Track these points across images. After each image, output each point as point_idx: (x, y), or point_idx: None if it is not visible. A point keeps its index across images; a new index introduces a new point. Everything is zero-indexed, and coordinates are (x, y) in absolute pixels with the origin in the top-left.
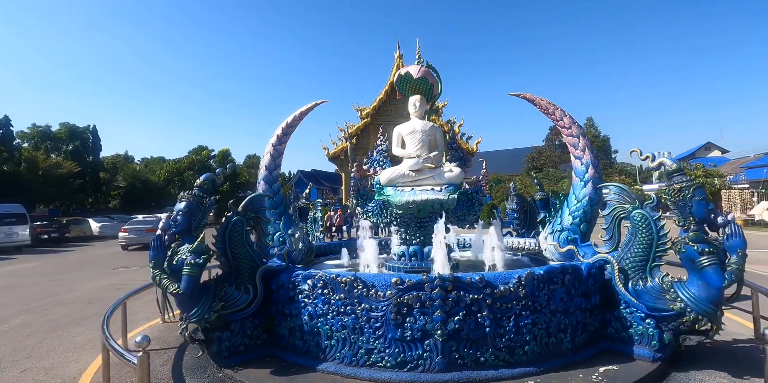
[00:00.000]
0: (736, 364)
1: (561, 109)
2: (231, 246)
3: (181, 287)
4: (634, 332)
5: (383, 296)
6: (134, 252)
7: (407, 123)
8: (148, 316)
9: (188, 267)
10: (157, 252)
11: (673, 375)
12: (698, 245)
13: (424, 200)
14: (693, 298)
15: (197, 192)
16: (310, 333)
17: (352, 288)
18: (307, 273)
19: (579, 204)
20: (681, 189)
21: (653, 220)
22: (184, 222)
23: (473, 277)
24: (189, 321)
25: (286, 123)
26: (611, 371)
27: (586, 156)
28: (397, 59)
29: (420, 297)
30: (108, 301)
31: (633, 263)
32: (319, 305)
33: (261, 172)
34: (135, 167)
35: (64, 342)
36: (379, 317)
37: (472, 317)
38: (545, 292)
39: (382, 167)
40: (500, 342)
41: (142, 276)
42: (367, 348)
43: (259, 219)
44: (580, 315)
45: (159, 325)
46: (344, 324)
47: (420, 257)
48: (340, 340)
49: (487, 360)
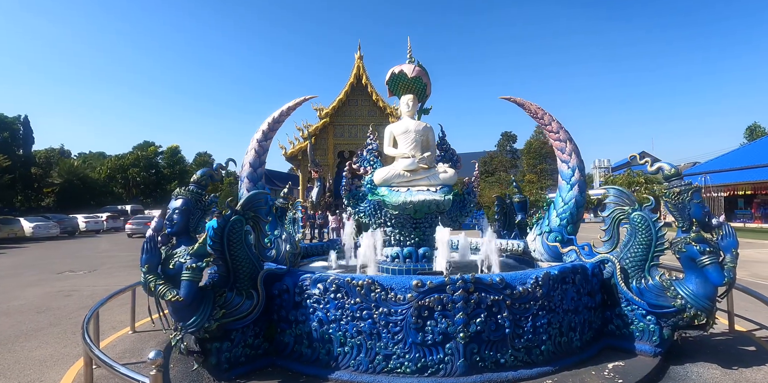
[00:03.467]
0: (722, 356)
1: (549, 114)
2: (230, 248)
3: (181, 294)
4: (635, 328)
5: (403, 299)
6: (80, 257)
7: (399, 122)
8: (115, 326)
9: (188, 271)
10: (150, 255)
11: (671, 369)
12: (700, 245)
13: (421, 201)
14: (692, 295)
15: (194, 188)
16: (321, 340)
17: (369, 291)
18: (318, 277)
19: (566, 206)
20: (680, 192)
21: (652, 222)
22: (182, 222)
23: (494, 278)
24: (186, 331)
25: (272, 118)
26: (619, 367)
27: (573, 160)
28: (357, 60)
29: (442, 299)
30: (61, 310)
31: (633, 263)
32: (331, 310)
33: (245, 169)
34: (72, 162)
35: (19, 359)
36: (399, 321)
37: (493, 318)
38: (559, 292)
39: (372, 166)
40: (519, 342)
41: (92, 281)
42: (385, 354)
43: (259, 219)
44: (587, 314)
45: (129, 335)
46: (360, 329)
47: (415, 258)
48: (355, 347)
49: (507, 362)
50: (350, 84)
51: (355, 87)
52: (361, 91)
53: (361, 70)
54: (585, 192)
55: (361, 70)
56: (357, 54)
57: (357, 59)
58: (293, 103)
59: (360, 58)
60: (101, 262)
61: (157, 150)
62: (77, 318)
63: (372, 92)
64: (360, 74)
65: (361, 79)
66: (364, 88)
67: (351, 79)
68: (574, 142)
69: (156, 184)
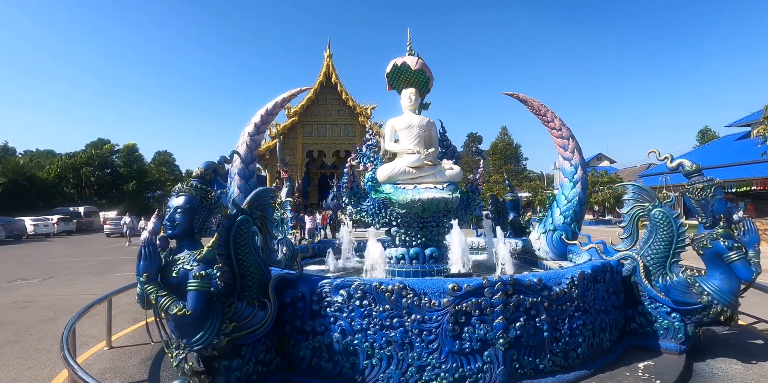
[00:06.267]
0: (738, 351)
1: (552, 112)
2: (236, 252)
3: (188, 306)
4: (659, 326)
5: (438, 304)
6: (31, 263)
7: (401, 117)
8: (86, 341)
9: (196, 280)
10: (149, 261)
11: (695, 365)
12: (728, 241)
13: (430, 199)
14: (718, 291)
15: (198, 184)
16: (344, 352)
17: (400, 297)
18: (340, 282)
19: (569, 204)
20: (703, 188)
21: (673, 218)
22: (185, 223)
23: (532, 279)
24: (191, 349)
25: (265, 110)
26: (650, 366)
27: (576, 157)
28: (326, 58)
29: (480, 303)
30: (18, 325)
31: (654, 260)
32: (356, 319)
33: (235, 165)
34: (17, 161)
35: None
36: (433, 329)
37: (531, 322)
38: (592, 292)
39: (373, 163)
40: (557, 346)
41: (48, 290)
42: (419, 365)
43: (266, 219)
44: (614, 313)
45: (106, 352)
46: (390, 339)
47: (422, 259)
48: (385, 358)
49: (546, 367)
50: (319, 82)
51: (325, 86)
52: (330, 89)
53: (330, 68)
54: (587, 189)
55: (331, 69)
56: (326, 52)
57: (326, 58)
58: (288, 95)
59: (329, 57)
60: (57, 269)
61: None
62: (39, 333)
63: (342, 91)
64: (330, 73)
65: (331, 77)
66: (334, 86)
67: (320, 77)
68: (576, 140)
69: (112, 184)
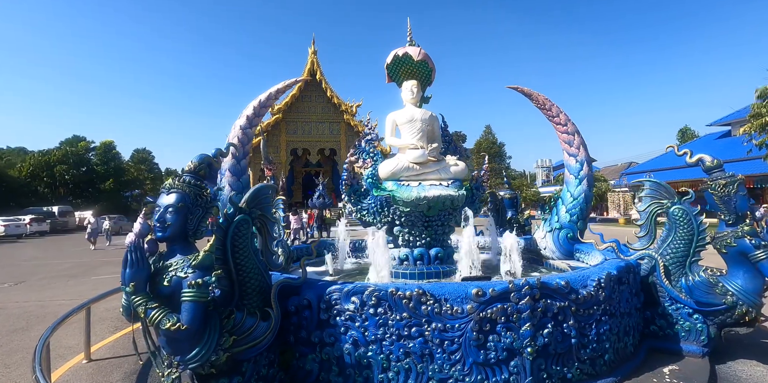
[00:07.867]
0: (757, 352)
1: (557, 106)
2: (234, 256)
3: (183, 320)
4: (680, 328)
5: (461, 311)
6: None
7: (403, 110)
8: (63, 353)
9: (192, 290)
10: (136, 269)
11: (718, 368)
12: (755, 239)
13: (436, 196)
14: (743, 291)
15: (191, 180)
16: (356, 365)
17: (419, 304)
18: (352, 288)
19: (575, 201)
20: (726, 184)
21: (693, 216)
22: (178, 224)
23: (559, 282)
24: (185, 367)
25: (258, 101)
26: (676, 371)
27: (581, 153)
28: (311, 55)
29: (506, 309)
30: None
31: (673, 259)
32: (370, 328)
33: (227, 161)
34: None
35: None
36: (456, 338)
37: (559, 328)
38: (617, 294)
39: (373, 159)
40: (584, 353)
41: (20, 295)
42: (441, 378)
43: (266, 219)
44: (636, 316)
45: (85, 366)
46: (408, 350)
47: (426, 260)
48: (402, 371)
49: (574, 376)
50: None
51: (309, 82)
52: (315, 86)
53: (315, 65)
54: (593, 186)
55: (315, 65)
56: (311, 49)
57: (311, 54)
58: (282, 86)
59: (314, 53)
60: (29, 272)
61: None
62: (10, 345)
63: (326, 88)
64: (314, 69)
65: (315, 74)
66: (318, 83)
67: (304, 74)
68: (581, 135)
69: (88, 183)
